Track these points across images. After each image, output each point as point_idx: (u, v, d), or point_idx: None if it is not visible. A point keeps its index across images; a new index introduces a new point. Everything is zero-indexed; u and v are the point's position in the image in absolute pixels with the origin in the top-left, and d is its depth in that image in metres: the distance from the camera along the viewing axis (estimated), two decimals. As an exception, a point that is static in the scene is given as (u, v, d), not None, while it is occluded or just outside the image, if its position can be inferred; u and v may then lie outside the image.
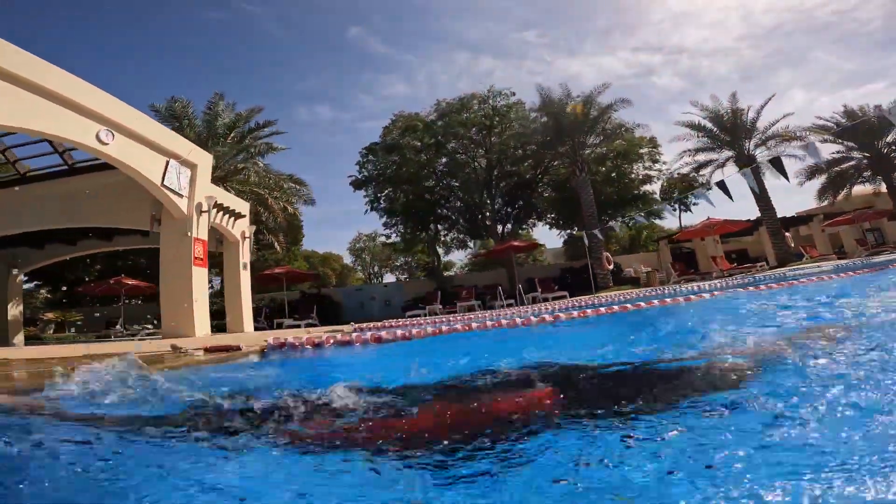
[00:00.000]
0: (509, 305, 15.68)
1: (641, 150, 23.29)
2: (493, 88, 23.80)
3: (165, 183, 8.51)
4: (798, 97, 67.82)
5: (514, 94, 23.74)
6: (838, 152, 21.86)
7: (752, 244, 24.09)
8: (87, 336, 15.54)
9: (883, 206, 21.56)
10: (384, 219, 25.03)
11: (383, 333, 3.98)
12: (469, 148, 23.68)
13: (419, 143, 23.42)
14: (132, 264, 23.28)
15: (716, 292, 5.98)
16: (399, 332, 4.02)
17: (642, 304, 5.37)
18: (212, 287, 16.52)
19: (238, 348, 3.55)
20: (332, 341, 4.02)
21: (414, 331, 4.23)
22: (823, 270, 8.80)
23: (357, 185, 24.94)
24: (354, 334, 4.30)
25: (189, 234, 9.33)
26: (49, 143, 9.33)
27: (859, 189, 22.53)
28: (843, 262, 13.90)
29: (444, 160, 23.82)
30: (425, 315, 15.09)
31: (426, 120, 23.77)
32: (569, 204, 23.27)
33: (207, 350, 3.63)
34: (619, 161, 23.30)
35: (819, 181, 22.70)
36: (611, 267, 18.98)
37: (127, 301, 19.85)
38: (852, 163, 21.57)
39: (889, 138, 20.61)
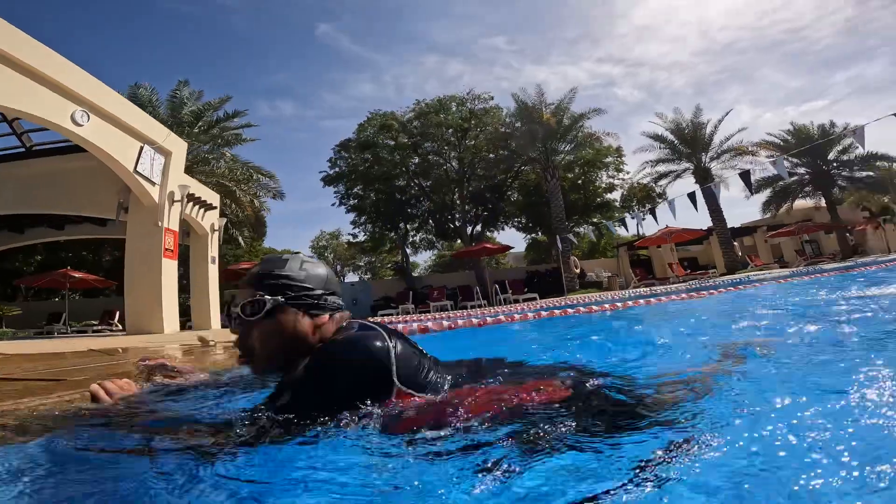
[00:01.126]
0: (480, 306, 15.82)
1: (607, 160, 24.23)
2: (473, 92, 24.06)
3: (138, 169, 7.96)
4: (745, 113, 72.90)
5: (492, 97, 24.11)
6: (785, 167, 23.64)
7: (702, 253, 25.61)
8: (25, 332, 14.23)
9: (821, 220, 23.56)
10: (353, 216, 24.67)
11: (430, 324, 3.97)
12: (443, 149, 23.76)
13: (393, 142, 23.24)
14: (74, 256, 21.63)
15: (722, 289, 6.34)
16: (445, 322, 4.06)
17: (663, 298, 5.61)
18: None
19: None
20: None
21: (459, 322, 4.27)
22: (781, 275, 9.52)
23: (328, 181, 24.45)
24: (429, 323, 4.26)
25: (160, 223, 8.78)
26: (7, 124, 8.49)
27: (800, 203, 24.45)
28: (795, 268, 15.04)
29: (416, 160, 23.76)
30: (398, 314, 14.96)
31: (402, 119, 23.65)
32: (537, 209, 23.83)
33: None
34: (586, 168, 24.12)
35: (764, 194, 24.46)
36: (577, 271, 19.60)
37: (72, 295, 18.38)
38: (795, 178, 23.32)
39: (830, 156, 22.47)
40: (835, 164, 22.66)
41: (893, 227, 24.04)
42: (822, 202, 23.15)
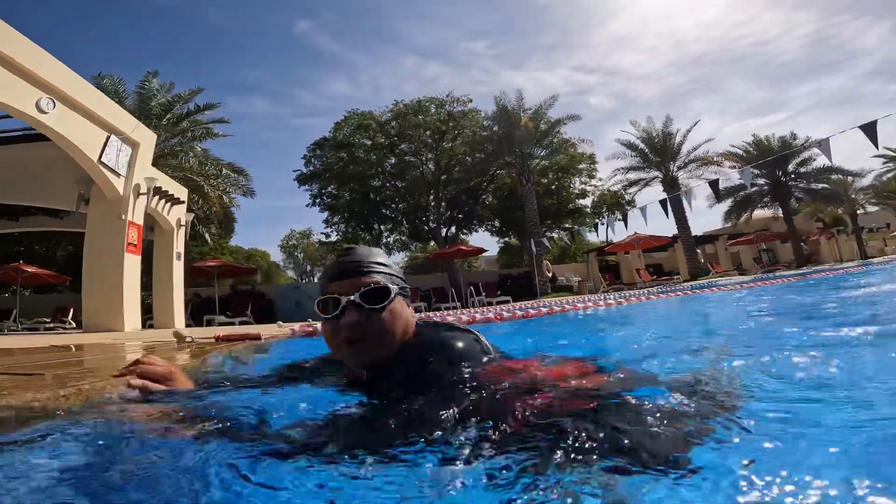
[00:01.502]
0: (455, 308, 15.86)
1: (581, 166, 24.75)
2: (452, 94, 24.13)
3: (103, 160, 7.61)
4: (710, 124, 75.87)
5: (471, 100, 24.25)
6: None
7: (667, 259, 26.47)
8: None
9: (778, 230, 24.73)
10: (326, 215, 24.33)
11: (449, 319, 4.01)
12: (420, 151, 23.73)
13: (370, 142, 23.06)
14: (26, 250, 20.46)
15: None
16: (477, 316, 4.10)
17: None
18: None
19: (258, 337, 3.28)
20: None
21: (483, 315, 4.33)
22: (741, 281, 9.98)
23: (302, 180, 24.01)
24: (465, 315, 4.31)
25: (123, 217, 8.41)
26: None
27: (759, 213, 25.58)
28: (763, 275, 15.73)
29: (393, 161, 23.65)
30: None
31: (380, 119, 23.49)
32: (510, 213, 24.10)
33: (219, 339, 3.30)
34: (560, 174, 24.56)
35: (726, 204, 25.47)
36: (550, 275, 19.91)
37: (23, 291, 17.37)
38: (755, 189, 24.36)
39: (789, 168, 23.58)
40: (793, 176, 23.78)
41: (846, 237, 25.54)
42: (780, 212, 24.25)
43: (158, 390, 1.09)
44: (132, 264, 8.67)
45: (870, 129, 7.39)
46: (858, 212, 26.14)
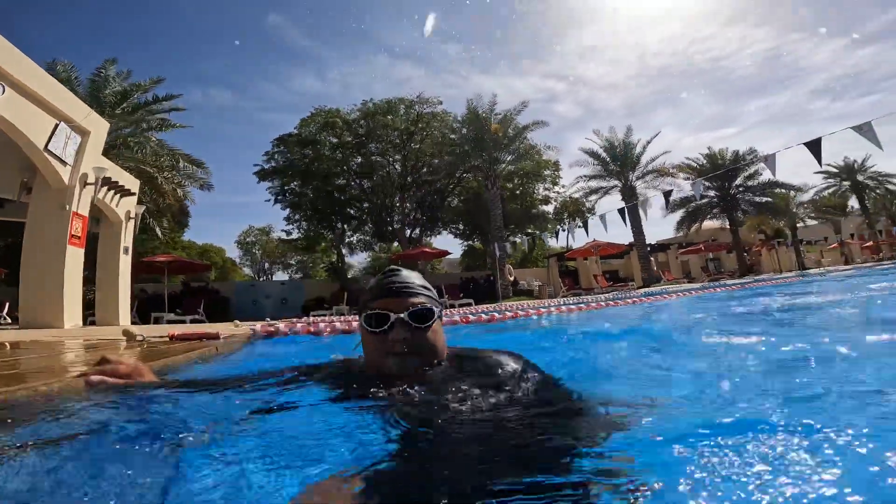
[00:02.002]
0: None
1: (545, 172, 25.30)
2: (422, 95, 24.06)
3: (50, 147, 7.17)
4: (668, 136, 79.19)
5: (440, 102, 24.26)
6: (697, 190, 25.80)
7: (623, 266, 27.49)
8: None
9: (725, 240, 26.17)
10: (287, 212, 23.73)
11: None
12: (388, 151, 23.56)
13: (336, 140, 22.69)
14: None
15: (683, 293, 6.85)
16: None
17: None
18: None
19: (216, 336, 3.16)
20: (329, 329, 3.80)
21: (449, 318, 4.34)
22: (689, 288, 10.54)
23: (263, 175, 23.31)
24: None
25: (68, 207, 7.95)
26: None
27: (708, 224, 26.98)
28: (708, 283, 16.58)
29: (359, 160, 23.37)
30: (332, 314, 14.59)
31: (347, 118, 23.16)
32: (475, 216, 24.34)
33: (174, 338, 3.17)
34: (525, 180, 25.00)
35: (678, 214, 26.72)
36: (512, 279, 20.25)
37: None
38: (705, 200, 25.65)
39: (738, 181, 24.97)
40: (740, 189, 25.21)
41: (786, 249, 27.32)
42: (727, 224, 25.66)
43: (117, 384, 1.13)
44: (75, 257, 8.21)
45: (814, 147, 7.91)
46: (798, 225, 28.02)
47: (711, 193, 25.23)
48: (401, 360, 1.16)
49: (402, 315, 1.17)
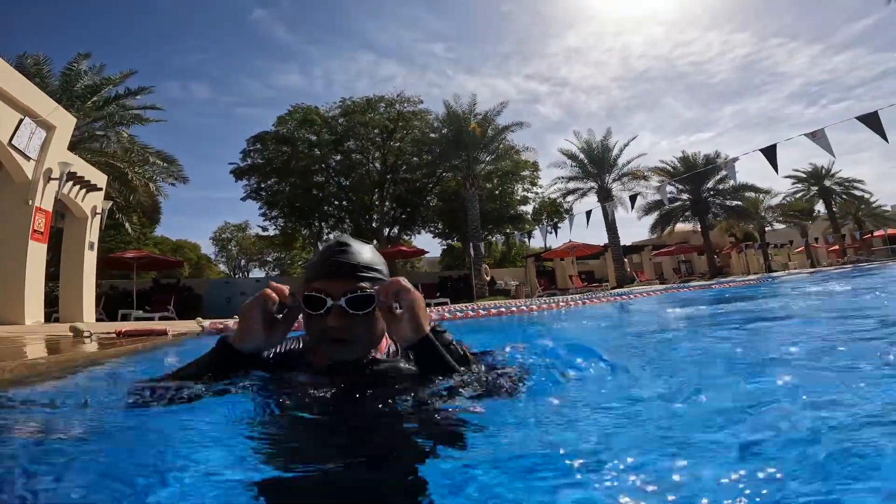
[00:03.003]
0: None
1: (524, 173, 25.57)
2: (403, 94, 24.06)
3: (14, 142, 7.02)
4: (646, 139, 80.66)
5: (421, 101, 24.32)
6: (670, 193, 26.31)
7: (598, 266, 27.97)
8: None
9: (696, 243, 26.86)
10: (264, 210, 23.46)
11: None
12: (367, 149, 23.50)
13: (314, 138, 22.53)
14: None
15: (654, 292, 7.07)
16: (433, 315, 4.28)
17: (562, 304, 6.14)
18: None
19: (164, 332, 3.18)
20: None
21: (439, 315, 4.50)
22: (654, 289, 10.89)
23: (239, 173, 22.99)
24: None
25: (30, 202, 7.78)
26: None
27: (681, 226, 27.60)
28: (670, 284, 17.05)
29: (338, 158, 23.25)
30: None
31: (326, 115, 23.01)
32: (454, 215, 24.46)
33: (121, 335, 3.18)
34: (503, 180, 25.23)
35: (652, 217, 27.29)
36: (488, 278, 20.44)
37: None
38: (678, 203, 26.24)
39: (709, 185, 25.61)
40: (711, 192, 25.87)
41: (753, 252, 28.17)
42: (698, 227, 26.30)
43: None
44: (37, 253, 8.04)
45: (770, 154, 8.21)
46: (766, 228, 28.91)
47: (684, 197, 25.81)
48: (335, 348, 1.09)
49: (339, 302, 1.07)
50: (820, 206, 32.06)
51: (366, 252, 1.17)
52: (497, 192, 25.53)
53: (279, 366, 1.21)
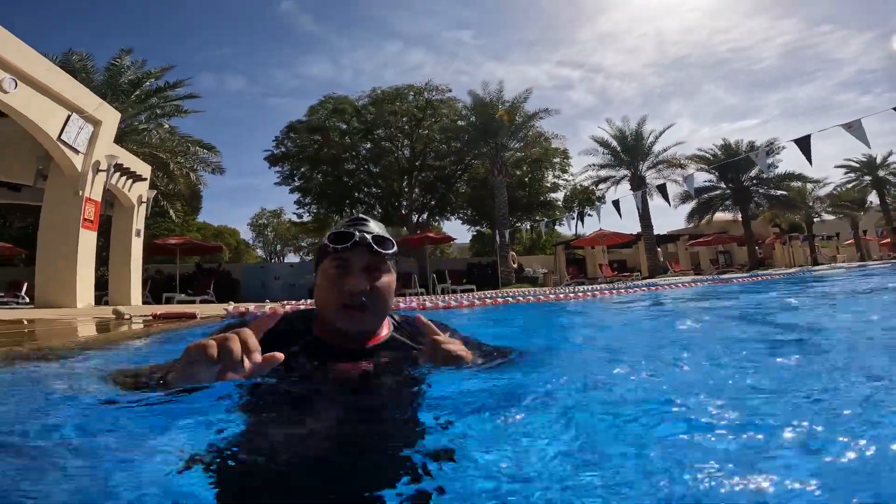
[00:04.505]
0: (418, 294, 16.15)
1: (554, 160, 25.21)
2: (431, 83, 24.12)
3: (63, 137, 7.58)
4: (685, 126, 77.51)
5: (450, 90, 24.32)
6: (709, 181, 25.34)
7: (630, 256, 27.32)
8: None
9: (736, 233, 25.79)
10: (297, 197, 24.24)
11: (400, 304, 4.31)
12: (396, 137, 23.78)
13: (345, 126, 22.98)
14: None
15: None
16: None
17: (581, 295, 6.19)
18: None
19: (193, 316, 3.50)
20: (292, 310, 4.12)
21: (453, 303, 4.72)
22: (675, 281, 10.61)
23: (272, 160, 23.79)
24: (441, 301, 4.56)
25: (80, 193, 8.38)
26: None
27: (719, 215, 26.54)
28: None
29: (368, 146, 23.65)
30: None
31: (356, 105, 23.40)
32: (483, 202, 24.44)
33: (157, 317, 3.51)
34: (533, 167, 24.97)
35: (690, 205, 26.34)
36: (515, 266, 20.42)
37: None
38: (718, 192, 25.22)
39: (752, 173, 24.48)
40: (755, 181, 24.72)
41: (799, 243, 26.81)
42: (739, 216, 25.23)
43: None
44: (87, 240, 8.66)
45: (804, 144, 7.84)
46: (815, 219, 27.40)
47: (723, 185, 24.81)
48: (347, 315, 1.08)
49: (366, 236, 1.10)
50: (872, 197, 30.01)
51: (384, 229, 1.20)
52: (526, 179, 25.29)
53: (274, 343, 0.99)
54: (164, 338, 3.08)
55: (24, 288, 12.41)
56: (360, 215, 1.19)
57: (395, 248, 1.17)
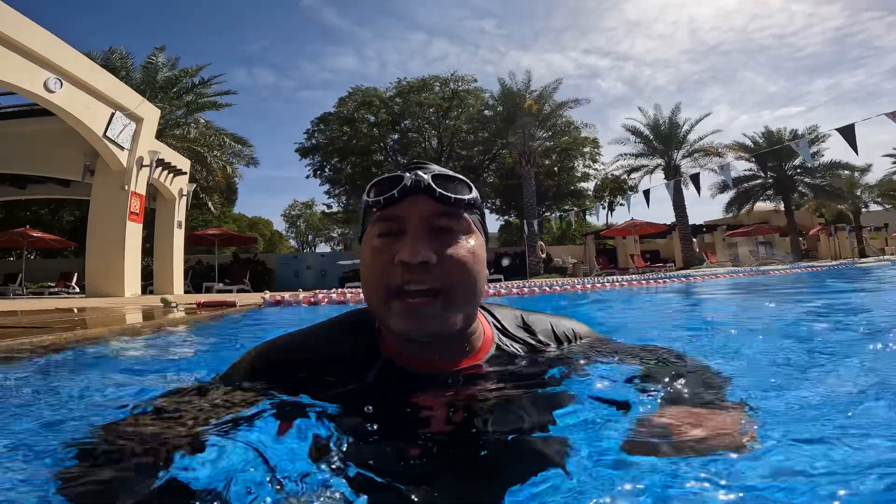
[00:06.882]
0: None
1: (584, 150, 24.75)
2: (457, 73, 24.09)
3: (108, 134, 7.99)
4: (722, 114, 74.47)
5: (475, 80, 24.21)
6: (749, 170, 24.32)
7: (664, 246, 26.55)
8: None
9: (778, 223, 24.70)
10: (327, 188, 24.74)
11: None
12: (423, 127, 23.87)
13: (373, 118, 23.23)
14: (32, 215, 20.97)
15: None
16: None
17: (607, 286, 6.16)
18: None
19: (233, 304, 3.71)
20: (326, 300, 4.29)
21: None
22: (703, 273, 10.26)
23: (304, 152, 24.34)
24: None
25: (126, 187, 8.82)
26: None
27: (760, 205, 25.46)
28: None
29: (395, 136, 23.85)
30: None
31: (384, 96, 23.59)
32: (511, 192, 24.28)
33: (201, 305, 3.73)
34: (562, 157, 24.59)
35: (728, 195, 25.38)
36: (543, 256, 20.22)
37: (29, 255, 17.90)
38: (759, 181, 24.19)
39: (795, 162, 23.37)
40: (798, 171, 23.59)
41: (846, 235, 25.46)
42: (781, 206, 24.16)
43: None
44: (134, 232, 9.12)
45: (848, 133, 7.45)
46: (862, 210, 25.96)
47: (764, 175, 23.78)
48: (411, 310, 0.65)
49: (424, 176, 0.69)
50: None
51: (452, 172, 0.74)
52: (555, 168, 24.94)
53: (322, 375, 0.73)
54: (209, 325, 3.27)
55: (75, 278, 13.07)
56: (416, 162, 0.76)
57: (476, 195, 0.75)
